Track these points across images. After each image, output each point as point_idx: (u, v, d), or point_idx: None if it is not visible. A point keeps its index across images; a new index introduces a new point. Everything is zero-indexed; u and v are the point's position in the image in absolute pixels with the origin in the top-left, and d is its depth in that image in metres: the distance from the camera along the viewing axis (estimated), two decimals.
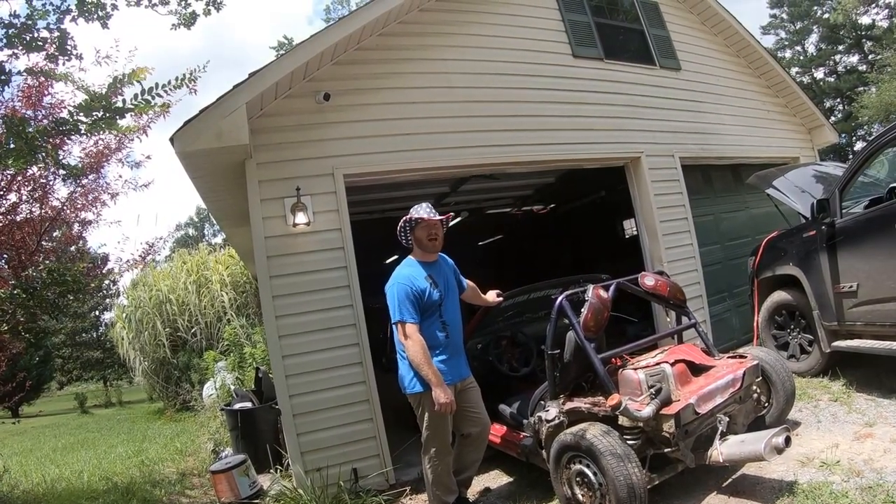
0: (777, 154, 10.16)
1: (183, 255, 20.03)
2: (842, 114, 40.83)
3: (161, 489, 7.22)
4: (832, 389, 6.05)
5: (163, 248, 11.01)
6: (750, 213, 9.61)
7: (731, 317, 8.80)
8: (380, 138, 6.42)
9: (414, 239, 4.80)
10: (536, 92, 7.46)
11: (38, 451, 13.49)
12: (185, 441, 10.77)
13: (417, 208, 4.75)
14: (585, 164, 7.99)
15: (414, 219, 4.72)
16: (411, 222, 4.74)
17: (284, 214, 5.89)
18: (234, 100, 5.49)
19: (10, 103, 7.00)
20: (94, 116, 4.70)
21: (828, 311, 6.05)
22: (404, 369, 4.66)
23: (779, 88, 10.65)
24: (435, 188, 9.63)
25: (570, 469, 4.38)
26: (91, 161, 8.29)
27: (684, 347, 5.06)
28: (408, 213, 4.78)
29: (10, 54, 4.66)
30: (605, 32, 8.43)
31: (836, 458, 4.52)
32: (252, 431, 7.47)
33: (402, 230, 4.80)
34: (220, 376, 11.59)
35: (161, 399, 19.03)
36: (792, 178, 7.33)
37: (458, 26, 7.21)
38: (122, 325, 19.26)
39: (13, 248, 7.28)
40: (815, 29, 43.64)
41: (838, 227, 5.88)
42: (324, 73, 6.32)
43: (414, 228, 4.76)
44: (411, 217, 4.72)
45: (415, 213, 4.73)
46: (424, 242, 4.76)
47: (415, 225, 4.74)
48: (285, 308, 5.81)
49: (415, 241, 4.81)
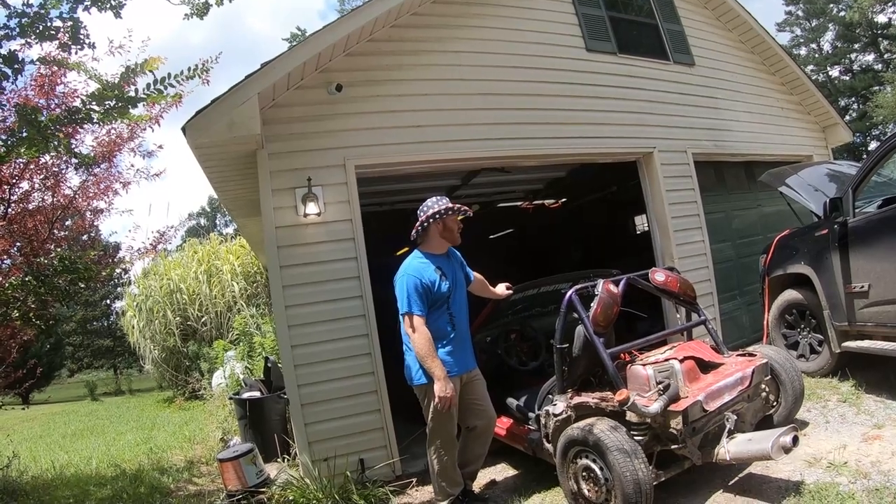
0: (790, 152, 10.11)
1: (194, 244, 20.16)
2: (856, 113, 40.59)
3: (169, 476, 7.28)
4: (841, 390, 6.02)
5: (174, 237, 11.04)
6: (762, 211, 9.55)
7: (741, 315, 8.76)
8: (391, 130, 6.42)
9: (441, 228, 4.79)
10: (549, 85, 7.43)
11: (47, 437, 13.61)
12: (194, 429, 10.85)
13: (441, 200, 4.76)
14: (597, 158, 7.96)
15: (450, 209, 4.73)
16: (444, 213, 4.73)
17: (295, 205, 5.90)
18: (247, 90, 5.50)
19: (24, 92, 7.01)
20: (106, 105, 4.71)
21: (839, 311, 6.01)
22: (410, 361, 4.67)
23: (793, 86, 10.58)
24: (446, 181, 9.61)
25: (576, 464, 4.37)
26: (103, 150, 8.30)
27: (693, 344, 5.06)
28: (423, 206, 4.77)
29: (24, 43, 4.67)
30: (619, 27, 8.39)
31: (843, 460, 4.49)
32: (260, 420, 7.50)
33: (430, 218, 4.72)
34: (229, 365, 11.66)
35: (170, 387, 19.17)
36: (805, 176, 7.29)
37: (472, 19, 7.18)
38: (132, 313, 19.40)
39: (25, 236, 7.32)
40: (831, 27, 43.34)
41: (851, 227, 5.83)
42: (336, 64, 6.31)
43: (444, 218, 4.75)
44: (447, 207, 4.71)
45: (443, 203, 4.73)
46: (455, 232, 4.82)
47: (447, 214, 4.74)
48: (295, 298, 5.82)
49: (440, 231, 4.80)
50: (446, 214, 4.75)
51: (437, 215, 4.73)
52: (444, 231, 4.79)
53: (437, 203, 4.74)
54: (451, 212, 4.76)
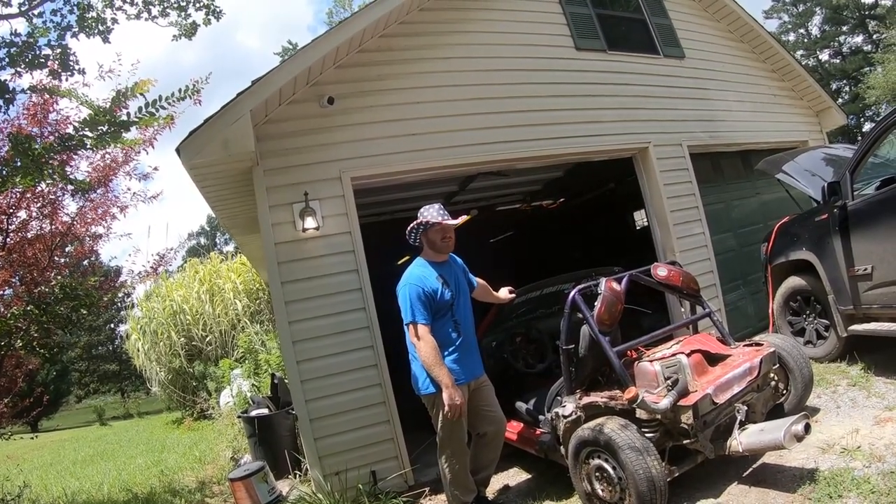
0: (786, 139, 10.09)
1: (195, 264, 20.17)
2: (849, 95, 40.69)
3: (181, 498, 7.26)
4: (850, 374, 6.01)
5: (174, 258, 11.03)
6: (761, 200, 9.54)
7: (745, 304, 8.74)
8: (386, 140, 6.41)
9: (426, 241, 4.79)
10: (541, 86, 7.43)
11: (58, 464, 13.59)
12: (204, 449, 10.82)
13: (430, 210, 4.72)
14: (593, 156, 7.94)
15: (428, 223, 4.69)
16: (424, 225, 4.71)
17: (293, 220, 5.89)
18: (239, 107, 5.50)
19: (16, 122, 7.02)
20: (99, 131, 4.73)
21: (843, 295, 5.99)
22: (417, 370, 4.65)
23: (784, 72, 10.57)
24: (443, 187, 9.61)
25: (588, 464, 4.36)
26: (99, 175, 8.31)
27: (700, 337, 5.03)
28: (418, 213, 4.76)
29: (14, 73, 4.68)
30: (607, 24, 8.39)
31: (856, 444, 4.47)
32: (270, 437, 7.48)
33: (413, 231, 4.76)
34: (236, 384, 11.66)
35: (178, 408, 19.17)
36: (802, 162, 7.27)
37: (460, 24, 7.18)
38: (137, 336, 19.40)
39: (25, 265, 7.32)
40: (818, 10, 43.49)
41: (851, 210, 5.82)
42: (327, 76, 6.30)
43: (427, 231, 4.74)
44: (426, 221, 4.68)
45: (428, 215, 4.69)
46: (438, 244, 4.75)
47: (428, 228, 4.72)
48: (298, 313, 5.81)
49: (427, 243, 4.80)
50: (426, 227, 4.74)
51: (417, 228, 4.74)
52: (429, 244, 4.79)
53: (422, 215, 4.72)
54: (429, 226, 4.72)
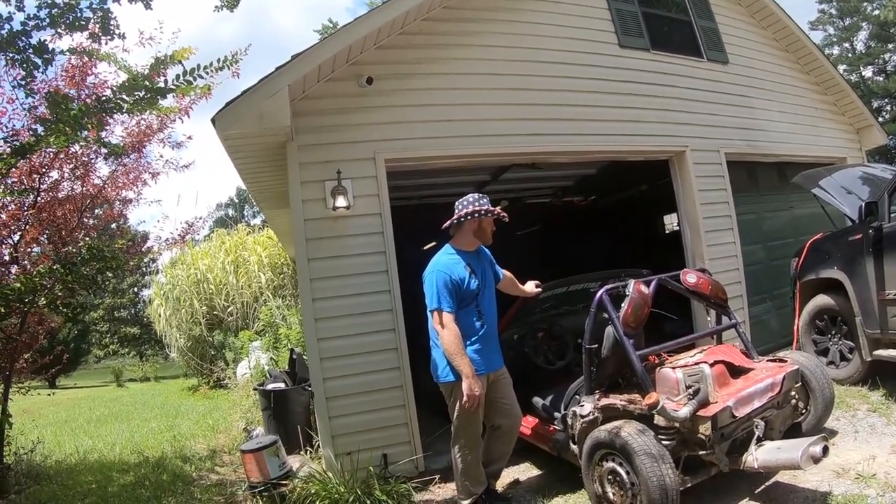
0: (824, 153, 9.93)
1: (222, 235, 20.30)
2: (889, 114, 39.88)
3: (191, 465, 7.33)
4: (871, 399, 5.94)
5: (202, 227, 11.10)
6: (793, 214, 9.40)
7: (770, 319, 8.62)
8: (422, 124, 6.40)
9: (475, 227, 4.78)
10: (581, 81, 7.36)
11: (72, 422, 13.76)
12: (217, 418, 10.92)
13: (485, 199, 4.76)
14: (629, 156, 7.87)
15: (490, 210, 4.73)
16: (484, 213, 4.72)
17: (324, 197, 5.89)
18: (277, 81, 5.50)
19: (54, 83, 7.06)
20: (136, 96, 4.72)
21: (871, 318, 5.90)
22: (438, 357, 4.65)
23: (828, 86, 10.40)
24: (476, 176, 9.56)
25: (602, 466, 4.34)
26: (133, 140, 8.34)
27: (723, 348, 4.97)
28: (468, 201, 4.76)
29: (54, 34, 4.69)
30: (652, 22, 8.29)
31: (872, 471, 4.42)
32: (284, 412, 7.51)
33: (469, 215, 4.70)
34: (254, 356, 11.71)
35: (195, 375, 19.35)
36: (839, 178, 7.17)
37: (503, 13, 7.12)
38: (159, 301, 19.58)
39: (54, 224, 7.38)
40: (865, 26, 42.59)
41: (886, 232, 5.73)
42: (367, 56, 6.28)
43: (481, 219, 4.75)
44: (487, 209, 4.71)
45: (487, 204, 4.73)
46: (488, 234, 4.82)
47: (484, 216, 4.74)
48: (322, 291, 5.82)
49: (474, 230, 4.79)
50: (484, 215, 4.73)
51: (475, 213, 4.70)
52: (478, 230, 4.78)
53: (478, 202, 4.72)
54: (490, 214, 4.75)
